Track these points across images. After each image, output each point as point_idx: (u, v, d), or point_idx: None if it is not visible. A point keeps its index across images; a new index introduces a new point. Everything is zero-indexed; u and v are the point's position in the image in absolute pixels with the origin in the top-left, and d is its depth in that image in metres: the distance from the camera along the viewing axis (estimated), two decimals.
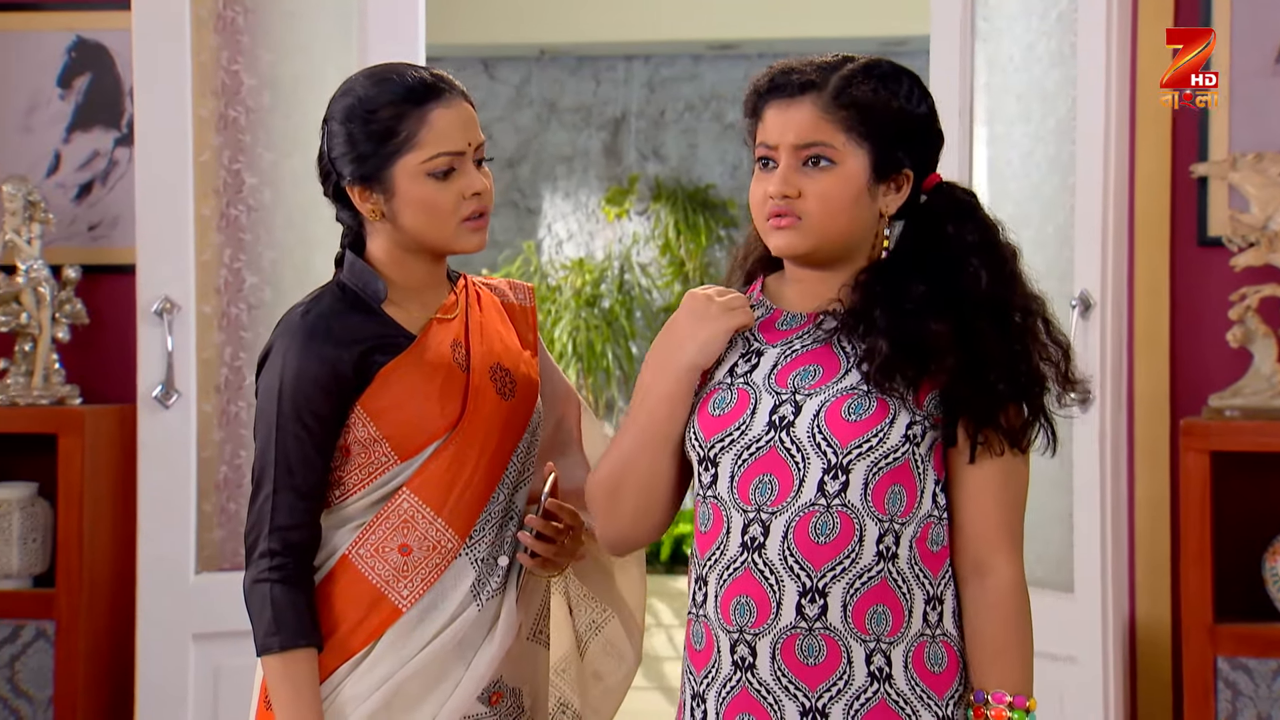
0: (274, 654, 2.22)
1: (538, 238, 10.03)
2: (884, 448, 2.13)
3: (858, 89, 2.17)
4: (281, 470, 2.23)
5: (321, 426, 2.25)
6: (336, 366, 2.24)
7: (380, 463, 2.28)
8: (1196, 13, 3.93)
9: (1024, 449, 2.18)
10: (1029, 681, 2.16)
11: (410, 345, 2.29)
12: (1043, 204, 3.99)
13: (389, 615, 2.26)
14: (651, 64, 9.44)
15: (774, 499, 2.13)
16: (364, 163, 2.28)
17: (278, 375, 2.25)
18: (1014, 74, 4.07)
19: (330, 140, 2.32)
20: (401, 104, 2.27)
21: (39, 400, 4.16)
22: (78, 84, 4.39)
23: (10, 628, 4.07)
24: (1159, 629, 3.94)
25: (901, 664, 2.14)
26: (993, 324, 2.15)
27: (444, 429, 2.28)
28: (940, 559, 2.17)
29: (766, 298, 2.28)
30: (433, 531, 2.27)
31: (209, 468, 4.18)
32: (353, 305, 2.30)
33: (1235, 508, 3.86)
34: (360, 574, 2.27)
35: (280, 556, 2.24)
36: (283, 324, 2.30)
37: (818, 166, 2.17)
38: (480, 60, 9.81)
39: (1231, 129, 3.93)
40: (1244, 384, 3.81)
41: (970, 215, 2.22)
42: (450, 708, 2.27)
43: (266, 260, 4.25)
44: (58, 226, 4.30)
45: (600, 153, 9.97)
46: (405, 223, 2.29)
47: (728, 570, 2.14)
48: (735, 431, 2.17)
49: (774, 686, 2.13)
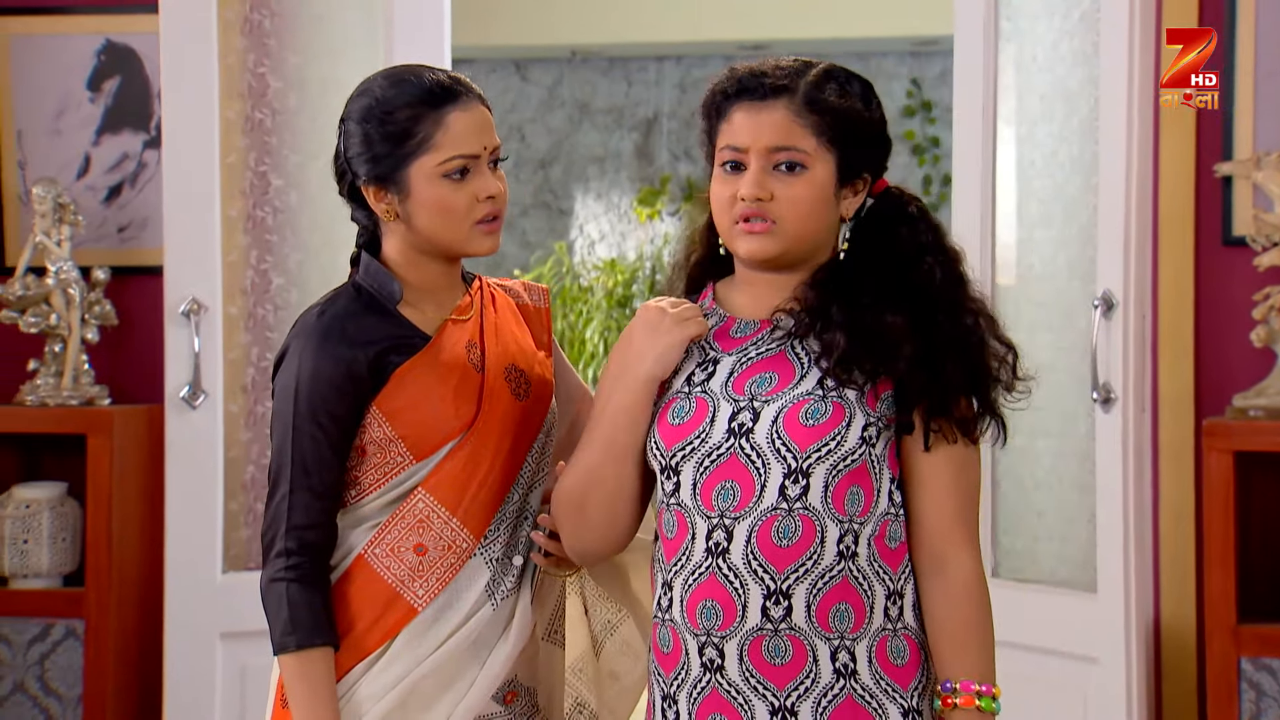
0: (290, 653, 2.23)
1: (570, 238, 10.05)
2: (842, 450, 2.16)
3: (829, 95, 2.20)
4: (298, 470, 2.25)
5: (337, 426, 2.26)
6: (352, 367, 2.26)
7: (396, 463, 2.29)
8: (1220, 12, 3.92)
9: (974, 440, 2.22)
10: (993, 669, 2.21)
11: (425, 346, 2.30)
12: (1066, 203, 3.99)
13: (404, 614, 2.27)
14: (683, 65, 9.44)
15: (736, 505, 2.16)
16: (380, 163, 2.29)
17: (294, 376, 2.26)
18: (1037, 74, 4.06)
19: (347, 140, 2.33)
20: (419, 105, 2.29)
21: (68, 401, 4.20)
22: (107, 87, 4.43)
23: (40, 626, 4.11)
24: (1184, 630, 3.93)
25: (865, 659, 2.17)
26: (948, 317, 2.20)
27: (459, 429, 2.29)
28: (899, 555, 2.20)
29: (719, 305, 2.31)
30: (448, 531, 2.29)
31: (235, 468, 4.21)
32: (368, 306, 2.32)
33: (1260, 508, 3.84)
34: (376, 573, 2.28)
35: (297, 556, 2.25)
36: (299, 325, 2.31)
37: (791, 171, 2.19)
38: (512, 61, 9.84)
39: (1256, 128, 3.92)
40: (1268, 384, 3.79)
41: (921, 217, 2.27)
42: (465, 707, 2.28)
43: (293, 262, 4.28)
44: (87, 228, 4.34)
45: (632, 154, 9.99)
46: (419, 224, 2.31)
47: (693, 575, 2.17)
48: (695, 440, 2.20)
49: (743, 687, 2.16)
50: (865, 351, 2.17)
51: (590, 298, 9.58)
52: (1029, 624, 3.93)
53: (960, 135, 4.13)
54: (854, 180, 2.24)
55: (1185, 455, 3.93)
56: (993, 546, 4.05)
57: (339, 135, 2.36)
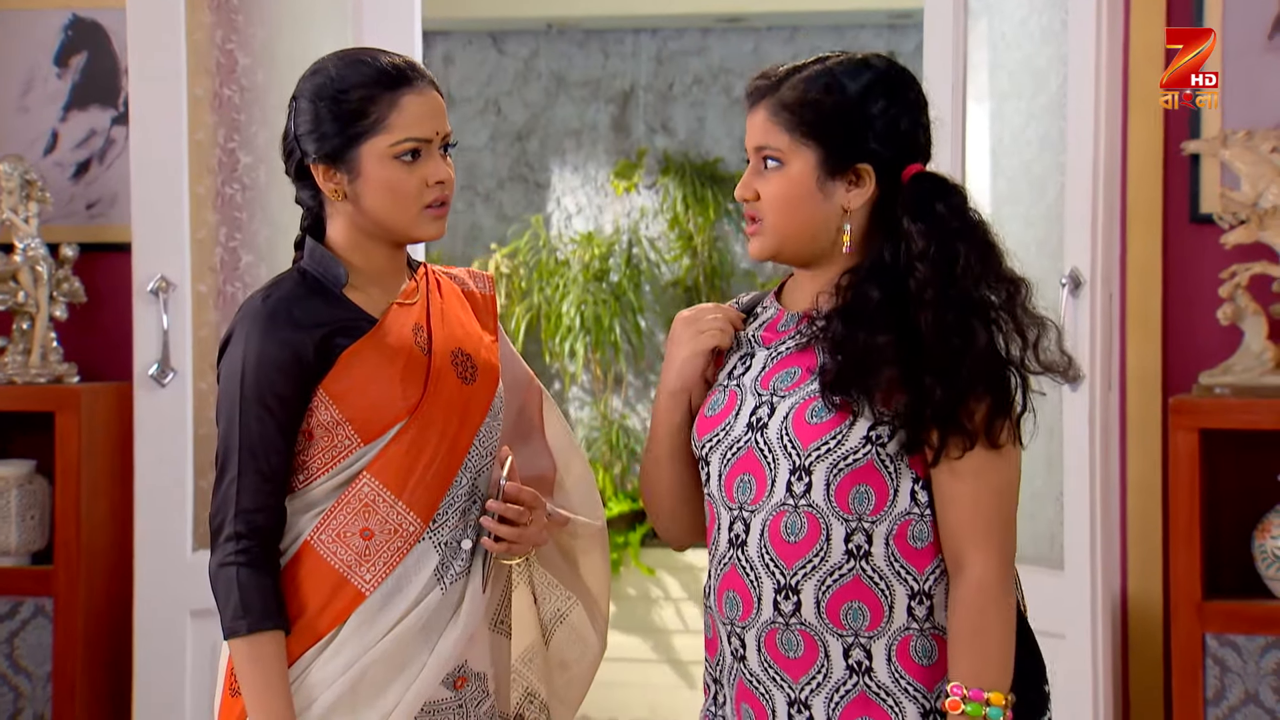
0: (241, 637, 2.23)
1: (546, 212, 10.03)
2: (842, 450, 2.15)
3: (796, 90, 2.20)
4: (245, 453, 2.25)
5: (284, 409, 2.26)
6: (298, 350, 2.26)
7: (343, 445, 2.29)
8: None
9: (994, 444, 2.16)
10: (997, 676, 2.15)
11: (372, 329, 2.30)
12: (1033, 181, 3.99)
13: (352, 599, 2.27)
14: (659, 37, 9.41)
15: (753, 498, 2.19)
16: (329, 140, 2.29)
17: (239, 359, 2.26)
18: (1006, 50, 4.06)
19: (297, 118, 2.33)
20: (373, 86, 2.29)
21: (36, 378, 4.19)
22: (74, 62, 4.41)
23: (9, 604, 4.10)
24: (1150, 606, 3.94)
25: (884, 657, 2.17)
26: (931, 329, 2.14)
27: (405, 412, 2.29)
28: (926, 555, 2.18)
29: (778, 299, 2.33)
30: (394, 515, 2.28)
31: (205, 445, 4.20)
32: (313, 290, 2.31)
33: (1226, 485, 3.86)
34: (322, 559, 2.28)
35: (246, 540, 2.25)
36: (243, 310, 2.31)
37: (770, 168, 2.22)
38: (488, 34, 9.81)
39: (1224, 106, 3.92)
40: (1234, 361, 3.80)
41: (932, 212, 2.19)
42: (415, 691, 2.28)
43: (262, 239, 4.27)
44: (55, 205, 4.32)
45: (609, 126, 9.96)
46: (367, 204, 2.30)
47: (720, 565, 2.22)
48: (721, 432, 2.24)
49: (762, 677, 2.19)
50: (854, 375, 2.15)
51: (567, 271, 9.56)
52: None
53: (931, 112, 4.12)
54: (845, 171, 2.20)
55: (1152, 433, 3.95)
56: None
57: (289, 113, 2.36)
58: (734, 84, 9.84)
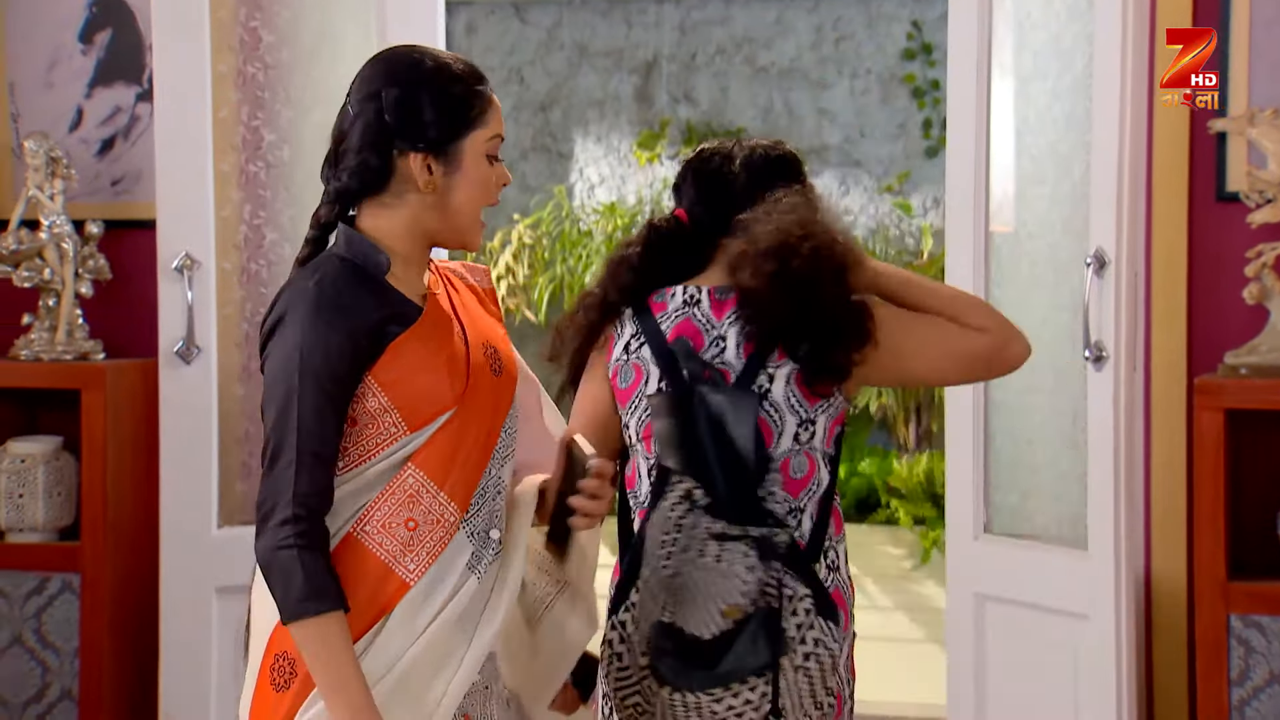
0: (309, 618, 2.20)
1: (569, 182, 10.02)
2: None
3: None
4: (304, 437, 2.22)
5: (341, 392, 2.25)
6: (355, 335, 2.25)
7: (389, 433, 2.28)
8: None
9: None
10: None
11: (420, 317, 2.30)
12: (1058, 160, 3.97)
13: (397, 590, 2.27)
14: (683, 7, 9.39)
15: None
16: (434, 130, 2.29)
17: (295, 344, 2.24)
18: (1031, 30, 4.04)
19: (391, 107, 2.28)
20: (472, 80, 2.33)
21: (63, 355, 4.21)
22: (99, 39, 4.41)
23: (36, 580, 4.13)
24: (1175, 587, 3.94)
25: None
26: None
27: (453, 401, 2.29)
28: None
29: None
30: (436, 505, 2.29)
31: (230, 422, 4.21)
32: (358, 277, 2.30)
33: (1250, 466, 3.85)
34: (368, 550, 2.27)
35: (304, 522, 2.22)
36: (292, 294, 2.28)
37: None
38: (511, 4, 9.79)
39: (1251, 83, 3.89)
40: (1259, 341, 3.79)
41: None
42: (459, 681, 2.28)
43: (285, 217, 4.27)
44: (80, 182, 4.33)
45: (632, 97, 9.93)
46: (456, 199, 2.32)
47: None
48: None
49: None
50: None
51: (590, 242, 9.56)
52: (1021, 580, 3.94)
53: (954, 86, 4.11)
54: None
55: (1177, 413, 3.94)
56: (985, 503, 4.06)
57: (375, 101, 2.29)
58: (756, 54, 9.81)
